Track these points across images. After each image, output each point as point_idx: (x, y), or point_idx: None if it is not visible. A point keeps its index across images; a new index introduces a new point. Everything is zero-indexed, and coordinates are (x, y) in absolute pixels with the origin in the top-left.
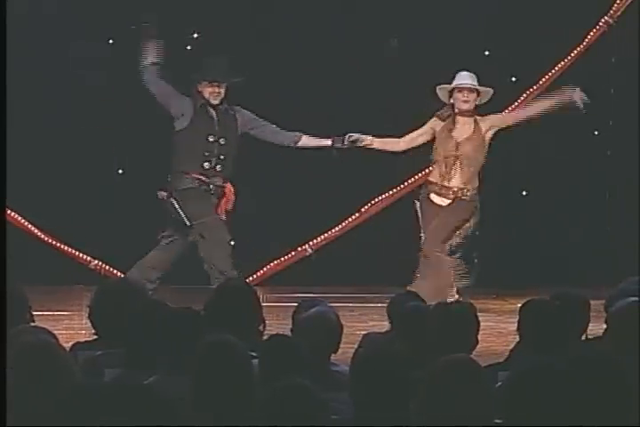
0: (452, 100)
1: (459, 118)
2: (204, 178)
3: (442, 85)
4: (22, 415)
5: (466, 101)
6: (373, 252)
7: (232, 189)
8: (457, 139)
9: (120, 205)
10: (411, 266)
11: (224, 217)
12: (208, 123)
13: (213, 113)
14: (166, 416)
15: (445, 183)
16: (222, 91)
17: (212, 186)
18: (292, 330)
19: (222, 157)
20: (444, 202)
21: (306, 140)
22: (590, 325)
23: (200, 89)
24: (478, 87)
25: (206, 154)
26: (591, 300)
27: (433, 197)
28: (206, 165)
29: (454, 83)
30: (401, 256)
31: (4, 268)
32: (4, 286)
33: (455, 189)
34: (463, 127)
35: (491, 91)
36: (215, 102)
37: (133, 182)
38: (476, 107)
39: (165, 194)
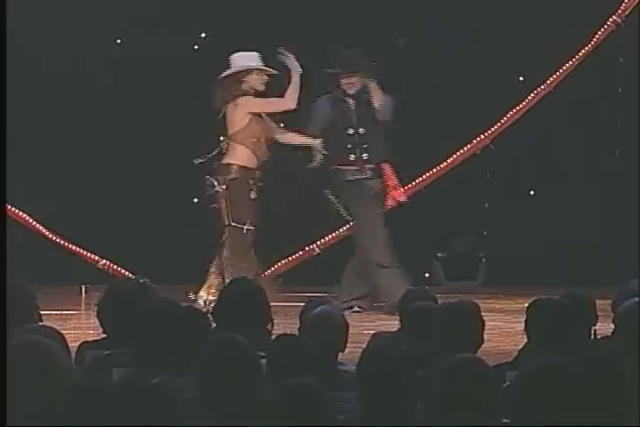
0: (244, 80)
1: None
2: (354, 168)
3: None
4: (23, 415)
5: (263, 83)
6: None
7: (388, 169)
8: (265, 119)
9: (128, 205)
10: (416, 266)
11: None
12: (346, 115)
13: (351, 103)
14: (173, 416)
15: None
16: (356, 80)
17: (365, 175)
18: (299, 330)
19: (365, 145)
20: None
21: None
22: (598, 324)
23: (338, 81)
24: (269, 70)
25: (349, 146)
26: (599, 300)
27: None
28: (352, 157)
29: (248, 64)
30: (406, 256)
31: (5, 268)
32: (5, 285)
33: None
34: None
35: (275, 71)
36: (351, 92)
37: (141, 182)
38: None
39: (327, 191)
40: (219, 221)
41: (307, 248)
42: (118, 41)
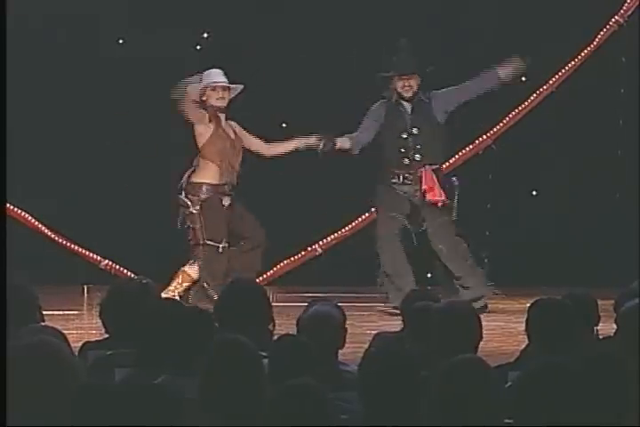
0: (204, 98)
1: (221, 115)
2: (404, 173)
3: (193, 84)
4: (25, 415)
5: (223, 98)
6: None
7: (427, 173)
8: (231, 136)
9: (128, 205)
10: (422, 265)
11: (435, 199)
12: (400, 118)
13: (407, 107)
14: (176, 416)
15: (226, 183)
16: (413, 83)
17: (410, 178)
18: (297, 329)
19: (419, 146)
20: (227, 202)
21: None
22: (600, 325)
23: (393, 85)
24: (230, 85)
25: (402, 150)
26: (601, 300)
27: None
28: (406, 160)
29: (207, 81)
30: (411, 255)
31: (5, 268)
32: (5, 285)
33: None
34: (227, 125)
35: (241, 86)
36: (408, 95)
37: (142, 182)
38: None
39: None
40: (192, 240)
41: (308, 248)
42: (120, 41)
